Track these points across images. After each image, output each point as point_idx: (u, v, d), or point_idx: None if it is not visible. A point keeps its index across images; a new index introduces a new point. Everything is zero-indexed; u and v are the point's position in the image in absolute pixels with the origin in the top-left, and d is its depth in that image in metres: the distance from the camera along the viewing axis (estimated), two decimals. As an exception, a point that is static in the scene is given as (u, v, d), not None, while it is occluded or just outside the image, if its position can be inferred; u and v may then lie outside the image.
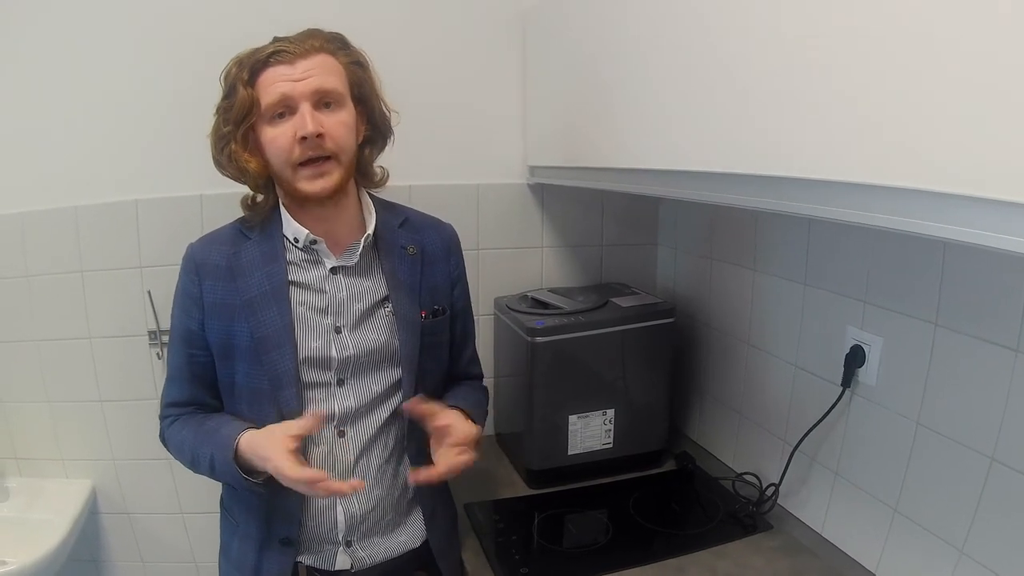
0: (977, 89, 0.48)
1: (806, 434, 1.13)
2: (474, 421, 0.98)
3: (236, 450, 0.87)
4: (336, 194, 0.91)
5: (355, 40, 0.96)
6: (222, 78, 0.89)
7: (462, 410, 0.98)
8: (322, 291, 0.95)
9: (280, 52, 0.86)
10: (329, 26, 0.94)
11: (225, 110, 0.89)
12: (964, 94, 0.49)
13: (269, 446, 0.84)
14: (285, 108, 0.87)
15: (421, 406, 0.93)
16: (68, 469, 1.46)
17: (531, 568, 1.09)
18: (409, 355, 0.97)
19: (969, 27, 0.48)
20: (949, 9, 0.49)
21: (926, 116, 0.52)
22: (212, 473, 0.92)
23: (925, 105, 0.52)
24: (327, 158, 0.88)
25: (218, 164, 0.93)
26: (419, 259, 1.01)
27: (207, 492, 1.08)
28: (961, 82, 0.49)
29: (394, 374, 0.97)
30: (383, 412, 0.97)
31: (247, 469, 0.88)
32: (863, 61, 0.57)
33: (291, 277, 0.94)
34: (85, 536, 1.45)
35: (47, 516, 1.34)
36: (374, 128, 0.98)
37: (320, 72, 0.87)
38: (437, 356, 1.03)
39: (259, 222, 0.96)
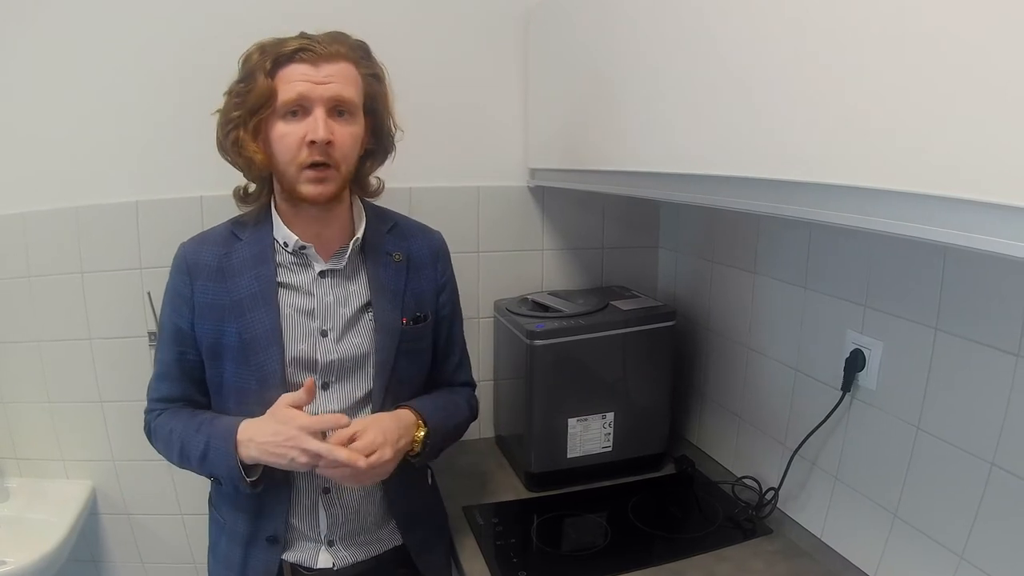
0: (978, 92, 0.48)
1: (806, 438, 1.13)
2: (422, 418, 0.98)
3: (236, 436, 0.88)
4: (331, 201, 0.92)
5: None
6: (240, 61, 0.89)
7: (410, 408, 0.98)
8: (310, 294, 0.95)
9: (306, 50, 0.86)
10: (328, 26, 0.93)
11: (238, 94, 0.88)
12: (965, 97, 0.49)
13: (281, 418, 0.87)
14: (299, 107, 0.87)
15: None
16: (68, 469, 1.46)
17: (529, 571, 1.09)
18: (382, 360, 0.97)
19: (971, 31, 0.48)
20: (952, 13, 0.49)
21: (927, 119, 0.52)
22: (202, 462, 0.91)
23: (926, 108, 0.52)
24: (330, 166, 0.88)
25: (221, 148, 0.92)
26: (404, 265, 1.01)
27: (205, 493, 1.08)
28: (962, 85, 0.49)
29: (371, 379, 0.98)
30: (363, 416, 0.97)
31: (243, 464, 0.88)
32: (866, 65, 0.57)
33: (280, 279, 0.95)
34: (85, 536, 1.45)
35: (47, 516, 1.34)
36: (378, 142, 0.98)
37: (341, 80, 0.87)
38: (417, 362, 1.02)
39: (251, 222, 0.97)
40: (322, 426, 0.87)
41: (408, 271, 1.02)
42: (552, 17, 1.33)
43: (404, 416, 0.97)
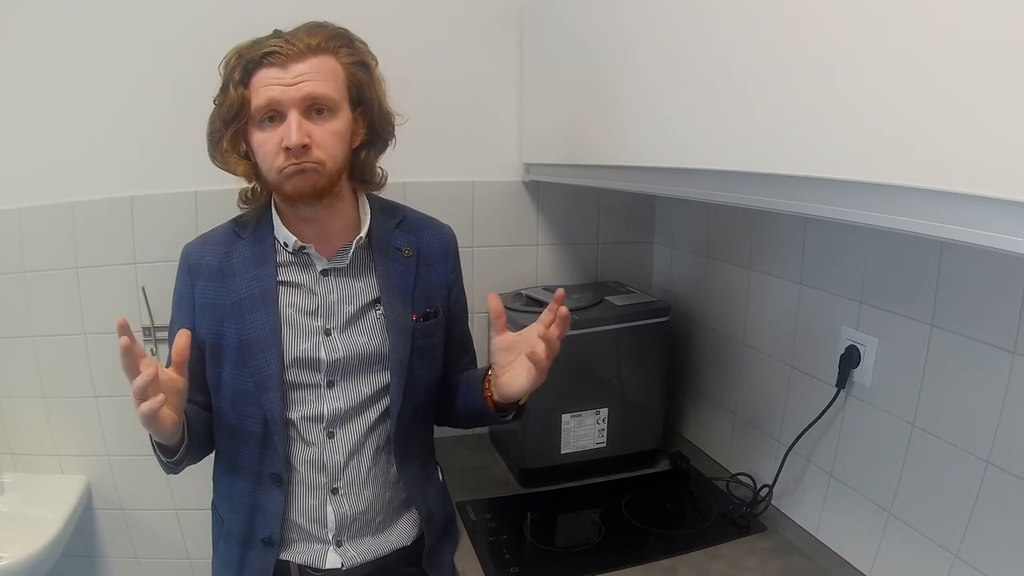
0: (977, 86, 0.47)
1: (800, 435, 1.12)
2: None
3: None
4: (320, 196, 0.89)
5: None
6: (221, 67, 0.87)
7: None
8: (313, 292, 0.94)
9: (273, 53, 0.83)
10: (321, 18, 0.92)
11: (219, 105, 0.88)
12: (963, 90, 0.48)
13: None
14: (274, 112, 0.85)
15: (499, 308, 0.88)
16: (63, 464, 1.47)
17: (521, 568, 1.09)
18: (398, 359, 0.96)
19: (968, 23, 0.47)
20: (948, 7, 0.48)
21: (924, 113, 0.51)
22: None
23: (921, 102, 0.51)
24: (311, 163, 0.86)
25: (211, 156, 0.92)
26: (414, 261, 1.00)
27: (201, 488, 1.08)
28: (960, 78, 0.48)
29: (383, 377, 0.96)
30: (372, 414, 0.96)
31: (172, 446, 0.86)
32: (861, 58, 0.56)
33: (282, 277, 0.94)
34: (79, 531, 1.45)
35: (42, 511, 1.34)
36: (373, 132, 0.95)
37: (313, 77, 0.84)
38: (429, 359, 1.01)
39: (252, 222, 0.96)
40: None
41: (418, 266, 1.00)
42: (547, 11, 1.32)
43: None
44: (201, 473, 1.02)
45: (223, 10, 1.30)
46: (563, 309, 0.85)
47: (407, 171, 1.44)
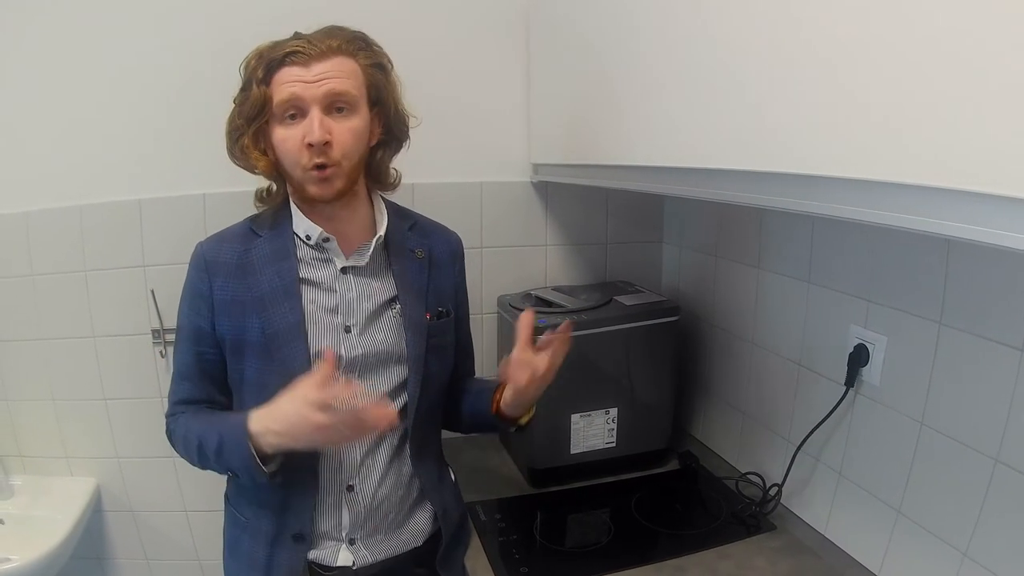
0: (984, 84, 0.47)
1: (809, 434, 1.13)
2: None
3: (248, 427, 0.85)
4: (340, 198, 0.91)
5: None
6: (241, 68, 0.89)
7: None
8: (332, 290, 0.94)
9: (296, 53, 0.86)
10: (327, 21, 0.93)
11: (240, 103, 0.90)
12: (971, 89, 0.48)
13: (288, 398, 0.82)
14: (295, 109, 0.87)
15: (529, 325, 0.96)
16: (72, 467, 1.47)
17: (531, 568, 1.09)
18: (416, 356, 0.96)
19: (977, 23, 0.47)
20: (952, 5, 0.49)
21: (929, 112, 0.51)
22: (219, 458, 0.89)
23: (928, 100, 0.51)
24: (331, 165, 0.88)
25: (231, 154, 0.93)
26: (427, 262, 1.01)
27: (211, 489, 1.09)
28: (965, 77, 0.48)
29: (400, 374, 0.97)
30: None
31: (260, 454, 0.86)
32: (868, 57, 0.56)
33: (302, 274, 0.94)
34: (89, 533, 1.46)
35: (51, 513, 1.34)
36: (388, 132, 0.97)
37: (334, 76, 0.86)
38: (443, 358, 1.02)
39: (270, 219, 0.96)
40: (329, 393, 0.80)
41: (430, 268, 1.02)
42: (553, 11, 1.33)
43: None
44: (209, 474, 1.02)
45: (230, 14, 1.31)
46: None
47: (415, 172, 1.43)
